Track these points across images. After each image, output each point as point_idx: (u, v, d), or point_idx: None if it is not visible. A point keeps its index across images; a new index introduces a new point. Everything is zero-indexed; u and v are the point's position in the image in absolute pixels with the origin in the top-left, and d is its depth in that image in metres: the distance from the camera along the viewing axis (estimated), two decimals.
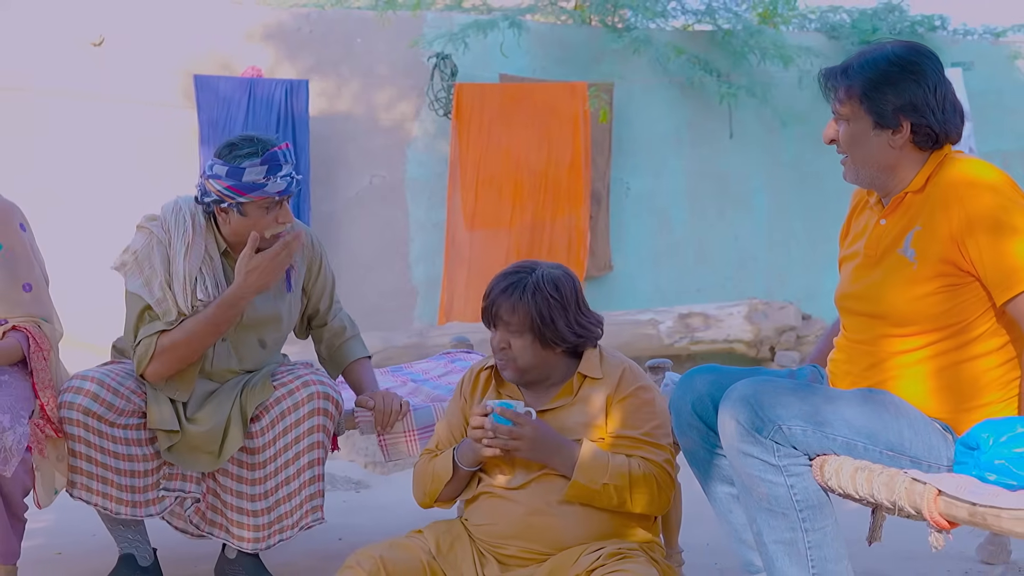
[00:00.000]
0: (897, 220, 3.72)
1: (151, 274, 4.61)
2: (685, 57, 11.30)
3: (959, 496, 2.93)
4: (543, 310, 4.02)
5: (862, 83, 3.69)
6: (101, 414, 4.48)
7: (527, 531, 3.96)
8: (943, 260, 3.57)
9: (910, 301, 3.63)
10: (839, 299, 3.93)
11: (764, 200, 11.73)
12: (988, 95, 11.88)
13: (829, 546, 3.52)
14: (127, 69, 10.39)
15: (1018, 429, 3.01)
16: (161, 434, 4.59)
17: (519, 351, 4.04)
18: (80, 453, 4.49)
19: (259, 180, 4.50)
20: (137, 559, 4.80)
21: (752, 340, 10.20)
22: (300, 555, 5.35)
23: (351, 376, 5.05)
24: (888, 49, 3.73)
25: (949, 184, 3.60)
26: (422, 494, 4.25)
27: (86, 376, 4.55)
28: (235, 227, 4.63)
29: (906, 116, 3.65)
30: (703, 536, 5.27)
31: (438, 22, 11.22)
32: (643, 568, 3.69)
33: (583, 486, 3.90)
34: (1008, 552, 5.17)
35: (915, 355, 3.65)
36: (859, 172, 3.77)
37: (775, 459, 3.44)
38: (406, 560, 3.89)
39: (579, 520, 3.95)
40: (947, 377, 3.63)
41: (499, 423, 3.90)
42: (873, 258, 3.77)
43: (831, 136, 3.80)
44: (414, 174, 11.13)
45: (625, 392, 4.08)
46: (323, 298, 5.04)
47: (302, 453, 4.57)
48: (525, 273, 4.08)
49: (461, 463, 4.10)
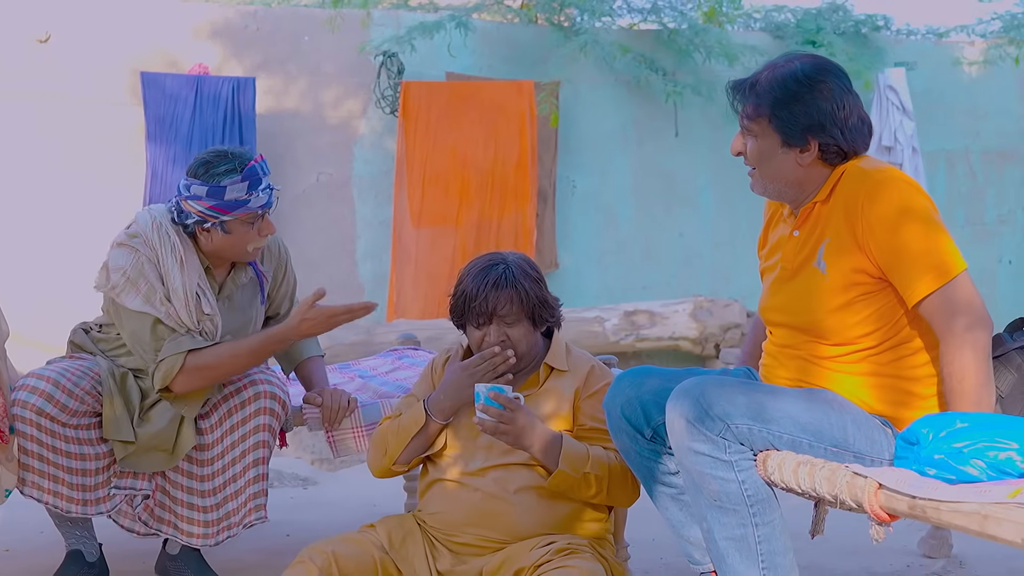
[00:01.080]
0: (809, 232, 3.73)
1: (149, 290, 4.54)
2: (631, 56, 11.35)
3: (899, 490, 2.96)
4: (533, 291, 4.10)
5: (770, 102, 3.69)
6: (54, 415, 4.45)
7: (483, 519, 3.98)
8: (854, 269, 3.61)
9: (829, 313, 3.66)
10: (762, 311, 3.96)
11: (710, 198, 11.80)
12: (931, 95, 12.01)
13: (777, 539, 3.55)
14: (73, 66, 10.34)
15: (957, 424, 3.04)
16: (117, 444, 4.58)
17: (518, 340, 4.10)
18: (32, 452, 4.46)
19: (241, 197, 4.48)
20: (84, 555, 4.79)
21: (697, 337, 10.26)
22: (247, 551, 5.35)
23: (303, 372, 5.06)
24: (796, 66, 3.73)
25: (851, 192, 3.62)
26: (382, 455, 4.22)
27: (41, 376, 4.52)
28: (218, 245, 4.61)
29: (813, 136, 3.67)
30: (648, 532, 5.31)
31: (385, 21, 11.22)
32: (589, 564, 3.72)
33: (567, 475, 3.94)
34: (949, 546, 5.23)
35: (845, 359, 3.68)
36: (767, 186, 3.79)
37: (726, 455, 3.45)
38: (358, 555, 3.90)
39: (535, 510, 3.99)
40: (880, 377, 3.66)
41: (490, 407, 3.91)
42: (790, 271, 3.79)
43: (738, 149, 3.81)
44: (361, 172, 11.14)
45: (595, 387, 4.15)
46: (284, 302, 5.06)
47: (248, 451, 4.58)
48: (501, 264, 4.14)
49: (434, 414, 4.12)
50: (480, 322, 4.12)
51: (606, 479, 3.98)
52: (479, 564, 3.93)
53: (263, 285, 4.87)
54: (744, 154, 3.80)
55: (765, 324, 3.99)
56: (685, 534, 3.96)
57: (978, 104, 12.33)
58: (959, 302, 3.49)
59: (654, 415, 3.77)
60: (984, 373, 3.47)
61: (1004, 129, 12.38)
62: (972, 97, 12.34)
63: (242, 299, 4.82)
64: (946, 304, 3.49)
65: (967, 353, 3.46)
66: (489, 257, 4.21)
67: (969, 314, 3.48)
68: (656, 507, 4.01)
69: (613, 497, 4.05)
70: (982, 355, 3.48)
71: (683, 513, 3.92)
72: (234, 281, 4.76)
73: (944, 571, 5.07)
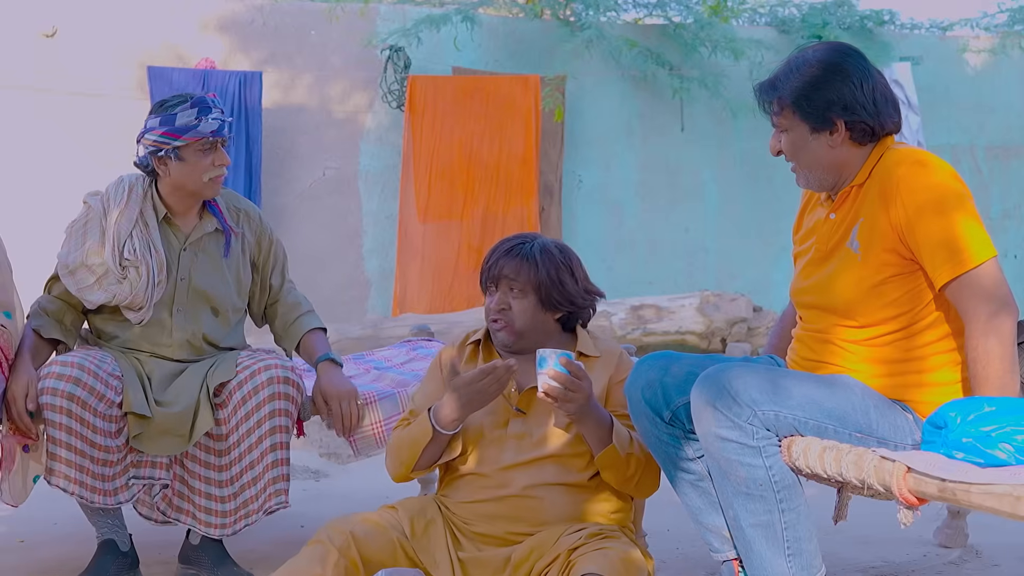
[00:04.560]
0: (845, 214, 3.77)
1: (77, 242, 4.71)
2: (637, 50, 11.36)
3: (929, 472, 2.96)
4: (550, 270, 4.05)
5: (791, 92, 3.74)
6: (84, 399, 4.42)
7: (510, 511, 3.93)
8: (886, 250, 3.63)
9: (859, 293, 3.68)
10: (794, 293, 3.99)
11: (715, 192, 11.80)
12: (936, 89, 12.00)
13: (802, 525, 3.55)
14: (80, 60, 10.35)
15: (985, 408, 3.04)
16: (132, 419, 4.56)
17: (518, 313, 4.04)
18: (60, 440, 4.40)
19: (191, 122, 4.64)
20: (118, 544, 4.77)
21: (703, 332, 10.23)
22: (262, 542, 5.33)
23: (306, 348, 5.01)
24: (810, 54, 3.79)
25: (887, 174, 3.66)
26: (399, 464, 4.12)
27: (65, 362, 4.49)
28: (175, 177, 4.73)
29: (838, 116, 3.71)
30: (664, 522, 5.30)
31: (391, 15, 11.22)
32: (625, 546, 3.70)
33: (615, 452, 3.89)
34: (965, 536, 5.23)
35: (870, 343, 3.69)
36: (809, 177, 3.83)
37: (753, 441, 3.46)
38: (378, 536, 3.84)
39: (561, 502, 3.94)
40: (905, 363, 3.67)
41: (561, 373, 3.78)
42: (824, 252, 3.82)
43: (776, 148, 3.85)
44: (367, 166, 11.14)
45: (625, 373, 4.08)
46: (274, 273, 5.07)
47: (264, 437, 4.54)
48: (529, 238, 4.13)
49: (439, 424, 3.97)
50: (488, 287, 4.11)
51: (643, 463, 3.96)
52: (504, 553, 3.86)
53: (229, 238, 4.91)
54: (783, 152, 3.83)
55: (796, 308, 4.01)
56: (704, 521, 3.95)
57: (983, 99, 12.34)
58: (985, 288, 3.50)
59: (674, 397, 3.76)
60: (1009, 359, 3.47)
61: (1009, 124, 12.38)
62: (977, 92, 12.34)
63: (210, 247, 4.88)
64: (972, 289, 3.51)
65: (992, 339, 3.47)
66: (520, 235, 4.20)
67: (995, 300, 3.49)
68: (676, 493, 4.00)
69: (642, 484, 4.00)
70: (1007, 341, 3.49)
71: (702, 500, 3.91)
72: (199, 230, 4.85)
73: (960, 561, 5.05)
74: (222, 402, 4.62)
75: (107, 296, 4.68)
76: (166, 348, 4.79)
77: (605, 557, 3.58)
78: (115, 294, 4.68)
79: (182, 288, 4.80)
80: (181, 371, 4.74)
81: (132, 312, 4.74)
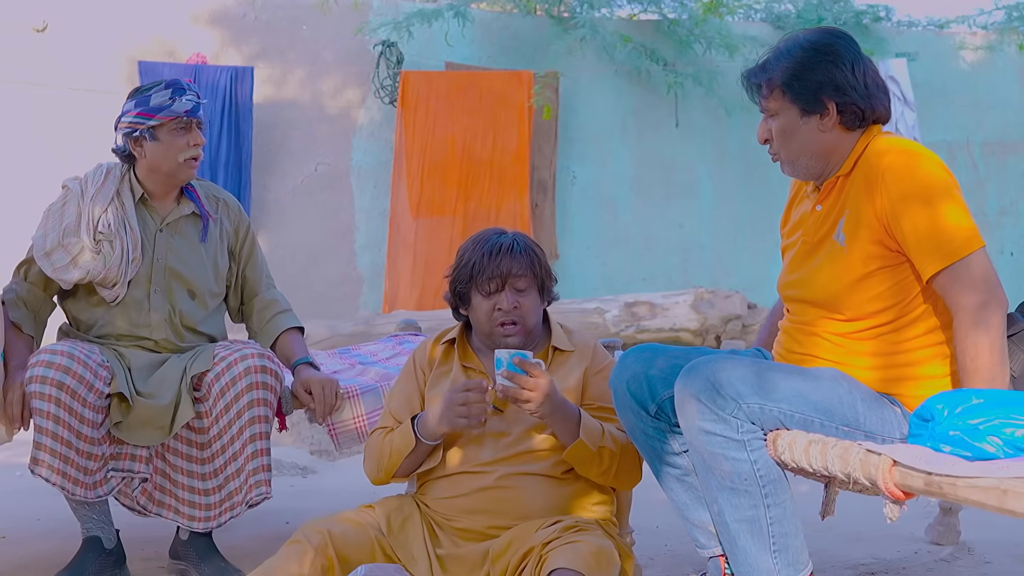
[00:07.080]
0: (831, 206, 3.73)
1: (55, 223, 4.74)
2: (631, 46, 11.34)
3: (915, 466, 2.92)
4: (543, 259, 4.07)
5: (781, 74, 3.70)
6: (74, 388, 4.39)
7: (489, 505, 3.89)
8: (872, 241, 3.59)
9: (845, 286, 3.63)
10: (781, 287, 3.95)
11: (710, 189, 11.78)
12: (933, 86, 11.99)
13: (788, 521, 3.50)
14: (70, 55, 10.32)
15: (973, 400, 3.00)
16: (114, 406, 4.52)
17: (528, 311, 4.00)
18: (47, 430, 4.37)
19: (165, 102, 4.73)
20: (103, 541, 4.71)
21: (698, 329, 10.20)
22: (247, 538, 5.31)
23: (282, 348, 4.98)
24: (801, 37, 3.76)
25: (872, 163, 3.61)
26: (377, 470, 4.11)
27: (54, 351, 4.47)
28: (151, 158, 4.79)
29: (829, 97, 3.66)
30: (653, 519, 5.28)
31: (384, 10, 11.19)
32: (598, 540, 3.64)
33: (585, 447, 3.84)
34: (957, 533, 5.19)
35: (857, 336, 3.65)
36: (795, 164, 3.78)
37: (738, 435, 3.40)
38: (355, 535, 3.82)
39: (541, 494, 3.90)
40: (890, 355, 3.63)
41: (515, 373, 3.75)
42: (810, 245, 3.78)
43: (763, 136, 3.81)
44: (359, 162, 11.12)
45: (601, 365, 4.07)
46: (250, 263, 5.07)
47: (244, 428, 4.51)
48: (507, 235, 4.08)
49: (423, 436, 3.96)
50: (491, 289, 4.00)
51: (617, 456, 3.91)
52: (483, 548, 3.83)
53: (207, 223, 4.94)
54: (770, 140, 3.79)
55: (783, 302, 3.98)
56: (690, 516, 3.90)
57: (979, 95, 12.32)
58: (974, 279, 3.45)
59: (660, 390, 3.71)
60: (998, 351, 3.43)
61: (1006, 120, 12.37)
62: (973, 88, 12.34)
63: (187, 230, 4.91)
64: (960, 281, 3.46)
65: (981, 330, 3.42)
66: (491, 230, 4.13)
67: (983, 292, 3.44)
68: (662, 488, 3.95)
69: (620, 476, 3.96)
70: (996, 333, 3.44)
71: (688, 495, 3.87)
72: (176, 212, 4.89)
73: (952, 558, 5.02)
74: (202, 395, 4.58)
75: (81, 273, 4.68)
76: (144, 329, 4.77)
77: (576, 551, 3.52)
78: (88, 269, 4.67)
79: (159, 268, 4.81)
80: (162, 362, 4.70)
81: (106, 290, 4.73)
